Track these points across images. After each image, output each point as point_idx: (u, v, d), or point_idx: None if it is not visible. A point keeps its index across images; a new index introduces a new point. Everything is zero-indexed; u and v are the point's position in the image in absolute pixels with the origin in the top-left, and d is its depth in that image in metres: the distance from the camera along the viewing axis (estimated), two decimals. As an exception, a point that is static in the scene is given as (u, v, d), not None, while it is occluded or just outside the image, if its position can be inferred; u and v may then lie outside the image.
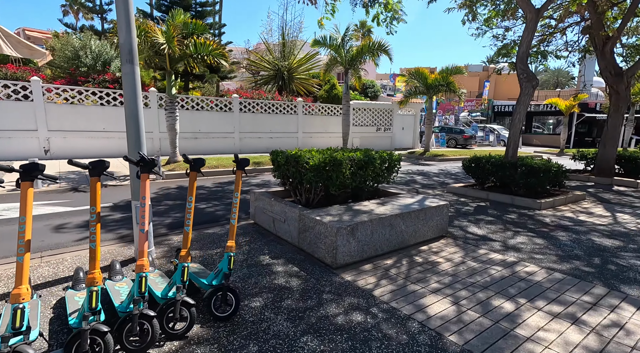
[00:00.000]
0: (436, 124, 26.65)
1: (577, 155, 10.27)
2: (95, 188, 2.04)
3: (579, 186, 8.61)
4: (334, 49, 11.63)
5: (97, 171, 2.09)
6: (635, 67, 8.90)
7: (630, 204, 6.74)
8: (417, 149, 19.43)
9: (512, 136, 7.08)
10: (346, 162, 4.20)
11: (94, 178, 2.07)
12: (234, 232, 2.54)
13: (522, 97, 6.85)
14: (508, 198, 6.61)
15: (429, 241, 4.25)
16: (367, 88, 23.38)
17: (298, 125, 15.79)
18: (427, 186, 8.40)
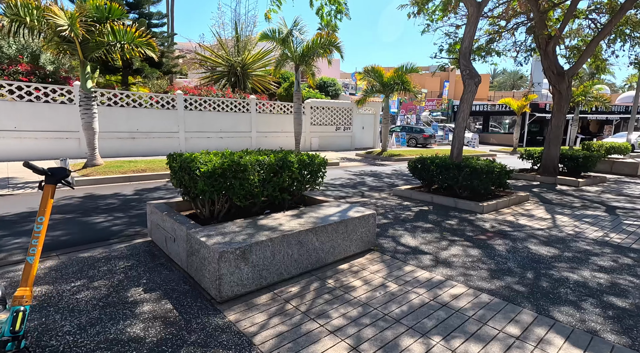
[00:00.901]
0: (398, 124, 26.80)
1: (525, 154, 10.33)
2: (48, 196, 1.90)
3: (525, 186, 8.56)
4: (281, 43, 10.93)
5: (54, 179, 1.95)
6: (575, 67, 9.01)
7: (570, 204, 6.65)
8: (377, 148, 19.23)
9: (456, 136, 6.78)
10: (254, 167, 3.54)
11: (50, 185, 1.93)
12: (31, 275, 1.79)
13: (465, 95, 6.56)
14: (452, 201, 6.28)
15: (352, 258, 3.70)
16: (328, 86, 22.90)
17: (251, 124, 14.94)
18: (375, 189, 7.95)
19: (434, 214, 5.65)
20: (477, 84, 6.44)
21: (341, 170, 10.82)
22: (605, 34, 8.58)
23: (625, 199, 7.27)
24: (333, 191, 7.59)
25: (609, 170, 11.54)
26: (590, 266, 3.62)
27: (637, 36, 10.49)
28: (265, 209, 4.08)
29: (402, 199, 6.75)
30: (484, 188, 6.20)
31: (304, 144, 16.99)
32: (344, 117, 18.49)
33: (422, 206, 6.24)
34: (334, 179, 9.03)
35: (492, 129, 30.51)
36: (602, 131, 31.34)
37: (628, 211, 6.23)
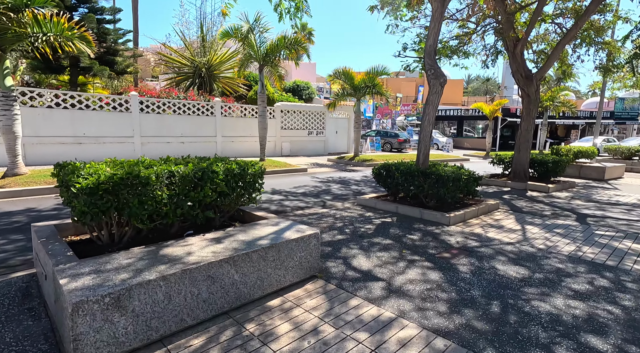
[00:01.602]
0: (374, 128, 26.56)
1: (495, 159, 10.08)
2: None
3: (496, 193, 8.22)
4: (241, 40, 10.24)
5: None
6: (543, 70, 8.84)
7: (540, 213, 6.29)
8: (350, 153, 18.77)
9: (422, 140, 6.30)
10: (161, 180, 2.82)
11: None
12: None
13: (430, 97, 6.10)
14: (417, 211, 5.76)
15: (287, 290, 3.03)
16: (301, 90, 22.36)
17: (216, 128, 14.08)
18: (339, 198, 7.35)
19: (397, 227, 5.09)
20: (442, 85, 5.99)
21: (308, 177, 10.19)
22: (571, 38, 8.45)
23: (595, 206, 7.02)
24: (292, 200, 6.92)
25: (577, 174, 11.52)
26: (564, 292, 3.13)
27: (601, 41, 10.54)
28: (188, 230, 3.36)
29: (365, 210, 6.18)
30: (451, 197, 5.72)
31: (274, 149, 16.28)
32: (317, 121, 17.93)
33: (386, 217, 5.68)
34: (297, 187, 8.38)
35: (466, 134, 30.90)
36: (569, 136, 32.44)
37: (598, 219, 5.92)
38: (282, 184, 8.73)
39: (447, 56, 9.44)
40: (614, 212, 6.48)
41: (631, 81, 18.68)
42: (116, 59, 12.33)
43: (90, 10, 11.82)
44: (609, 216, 6.17)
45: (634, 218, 6.08)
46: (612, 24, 10.13)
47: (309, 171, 11.36)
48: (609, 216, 6.17)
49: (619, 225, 5.58)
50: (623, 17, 9.77)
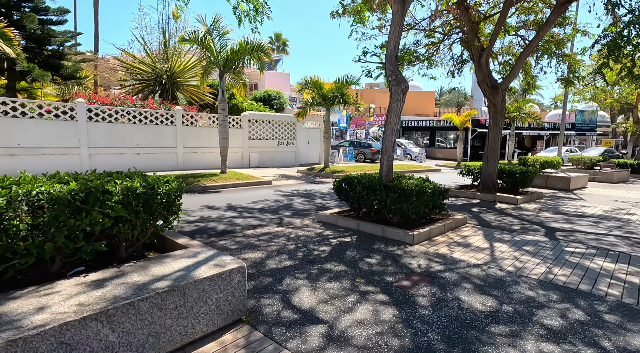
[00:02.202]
0: (348, 138, 26.34)
1: (464, 170, 9.85)
2: None
3: (464, 205, 7.88)
4: (199, 43, 9.57)
5: None
6: (508, 80, 8.75)
7: (509, 227, 5.94)
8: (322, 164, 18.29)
9: (384, 151, 5.85)
10: (14, 205, 2.11)
11: None
12: None
13: (392, 105, 5.69)
14: (379, 229, 5.24)
15: (199, 343, 2.36)
16: (272, 99, 21.81)
17: (177, 138, 13.19)
18: (300, 213, 6.73)
19: (355, 248, 4.53)
20: (404, 92, 5.59)
21: (271, 190, 9.53)
22: (533, 48, 8.43)
23: (563, 218, 6.79)
24: (246, 217, 6.24)
25: (544, 185, 11.54)
26: (536, 330, 2.64)
27: (562, 54, 10.73)
28: (78, 266, 2.63)
29: (324, 228, 5.59)
30: (415, 213, 5.25)
31: (241, 160, 15.52)
32: (287, 131, 17.37)
33: (345, 236, 5.11)
34: (256, 202, 7.70)
35: (439, 144, 31.35)
36: (535, 146, 33.66)
37: (567, 234, 5.63)
38: (240, 199, 8.02)
39: (410, 62, 9.13)
40: (582, 225, 6.25)
41: (589, 93, 19.55)
42: (63, 63, 11.29)
43: (32, 10, 10.80)
44: (578, 230, 5.91)
45: (601, 231, 5.85)
46: (571, 37, 10.34)
47: (274, 184, 10.70)
48: (577, 230, 5.91)
49: (588, 239, 5.30)
50: (581, 31, 9.97)
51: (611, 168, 14.59)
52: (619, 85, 6.84)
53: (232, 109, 17.74)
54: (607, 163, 15.01)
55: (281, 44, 41.77)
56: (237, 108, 17.63)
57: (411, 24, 9.81)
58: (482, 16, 8.92)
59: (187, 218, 6.01)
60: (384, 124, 5.89)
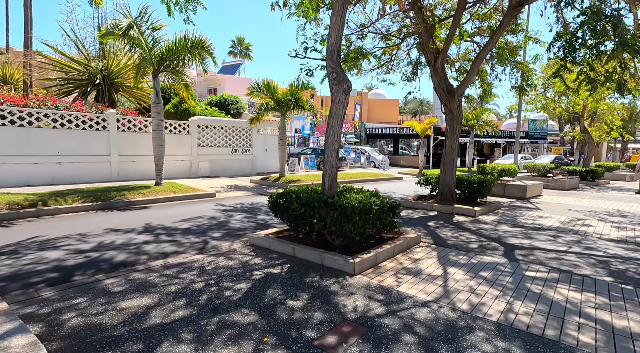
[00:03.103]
0: (311, 146, 25.60)
1: (422, 180, 9.33)
2: None
3: (421, 219, 7.26)
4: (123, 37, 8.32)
5: None
6: (464, 85, 8.38)
7: (466, 246, 5.32)
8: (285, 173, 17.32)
9: (327, 161, 5.03)
10: None
11: None
12: None
13: (333, 107, 4.90)
14: (317, 254, 4.37)
15: None
16: (229, 104, 20.58)
17: (111, 145, 11.65)
18: (232, 234, 5.71)
19: (281, 285, 3.61)
20: (346, 92, 4.82)
21: (212, 204, 8.41)
22: (488, 50, 8.12)
23: (521, 232, 6.33)
24: (162, 242, 5.12)
25: (502, 193, 11.38)
26: None
27: (515, 61, 10.68)
28: None
29: (254, 254, 4.64)
30: (359, 234, 4.44)
31: (189, 169, 14.16)
32: (243, 138, 16.24)
33: (275, 266, 4.18)
34: (186, 220, 6.57)
35: (403, 152, 31.51)
36: (493, 153, 34.90)
37: (527, 252, 5.09)
38: (167, 217, 6.85)
39: (355, 59, 8.36)
40: (541, 240, 5.79)
41: (540, 103, 20.30)
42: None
43: None
44: (537, 246, 5.41)
45: (561, 247, 5.39)
46: (523, 45, 10.30)
47: (218, 197, 9.56)
48: (536, 246, 5.41)
49: (549, 259, 4.77)
50: (533, 38, 9.94)
51: (563, 175, 14.93)
52: (578, 91, 6.64)
53: (182, 113, 16.35)
54: (559, 170, 15.37)
55: (244, 48, 40.55)
56: (188, 113, 16.25)
57: (365, 24, 9.24)
58: (437, 19, 8.52)
59: (80, 247, 4.79)
60: (326, 129, 5.08)
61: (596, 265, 4.53)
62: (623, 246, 5.53)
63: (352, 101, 36.68)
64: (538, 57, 9.66)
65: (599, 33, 5.03)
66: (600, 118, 20.24)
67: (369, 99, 38.53)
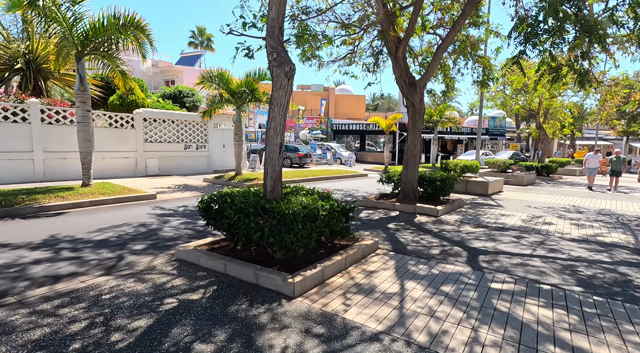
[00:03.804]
0: (275, 142, 24.58)
1: (384, 177, 8.83)
2: None
3: (381, 221, 6.70)
4: (29, 6, 6.93)
5: None
6: (426, 77, 7.93)
7: (427, 252, 4.79)
8: (243, 171, 16.28)
9: (269, 158, 4.25)
10: None
11: None
12: None
13: (275, 94, 4.13)
14: (251, 272, 3.59)
15: None
16: (184, 97, 19.07)
17: (33, 140, 10.07)
18: (159, 246, 4.78)
19: (196, 317, 2.80)
20: (289, 76, 4.06)
21: (148, 207, 7.33)
22: (450, 39, 7.72)
23: (484, 233, 5.95)
24: (57, 262, 4.09)
25: (465, 190, 11.22)
26: None
27: (477, 56, 10.50)
28: None
29: (177, 272, 3.77)
30: (303, 246, 3.73)
31: (134, 168, 12.75)
32: (197, 133, 14.98)
33: (198, 288, 3.36)
34: (105, 230, 5.51)
35: (369, 148, 31.38)
36: (456, 149, 35.83)
37: (491, 258, 4.65)
38: (85, 225, 5.75)
39: (305, 39, 7.46)
40: (505, 242, 5.42)
41: (500, 100, 20.79)
42: None
43: None
44: (501, 250, 5.00)
45: (525, 250, 5.02)
46: (485, 39, 10.10)
47: (160, 198, 8.46)
48: (500, 250, 5.00)
49: (514, 266, 4.34)
50: (494, 31, 9.75)
51: (521, 171, 15.23)
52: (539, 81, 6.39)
53: (129, 106, 14.74)
54: (517, 166, 15.67)
55: (205, 39, 38.41)
56: (136, 105, 14.69)
57: (323, 9, 8.50)
58: (397, 5, 7.97)
59: (-62, 272, 3.66)
60: (267, 120, 4.30)
61: (563, 272, 4.15)
62: (585, 246, 5.28)
63: (318, 96, 36.00)
64: (499, 50, 9.45)
65: (560, 19, 4.66)
66: (553, 115, 21.11)
67: (336, 94, 38.05)
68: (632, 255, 4.91)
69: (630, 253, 4.98)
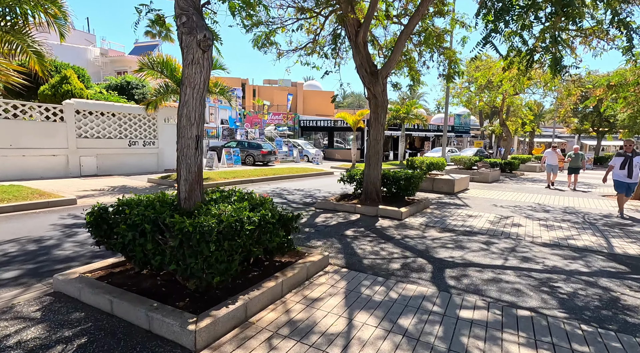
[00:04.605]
0: (238, 138, 23.27)
1: (346, 177, 8.05)
2: None
3: (339, 226, 5.88)
4: None
5: None
6: (388, 66, 7.21)
7: (387, 266, 4.01)
8: (199, 169, 14.94)
9: (182, 157, 3.27)
10: None
11: None
12: None
13: (186, 70, 3.15)
14: (143, 313, 2.60)
15: None
16: (132, 88, 17.28)
17: None
18: (47, 268, 3.64)
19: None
20: (203, 47, 3.09)
21: (57, 215, 6.03)
22: (413, 24, 7.05)
23: (451, 240, 5.31)
24: None
25: (431, 188, 10.75)
26: None
27: (443, 47, 10.02)
28: None
29: (45, 314, 2.71)
30: (220, 272, 2.79)
31: (66, 167, 11.11)
32: (144, 128, 13.45)
33: (63, 342, 2.32)
34: (-17, 249, 4.23)
35: (338, 145, 30.77)
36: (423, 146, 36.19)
37: (460, 272, 3.96)
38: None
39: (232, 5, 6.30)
40: (474, 250, 4.78)
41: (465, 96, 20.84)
42: None
43: None
44: (470, 261, 4.35)
45: (496, 260, 4.40)
46: (451, 29, 9.60)
47: (81, 204, 7.12)
48: (470, 261, 4.34)
49: (486, 283, 3.67)
50: (459, 21, 9.27)
51: (486, 168, 15.15)
52: (509, 67, 5.91)
53: (64, 96, 12.91)
54: (482, 163, 15.60)
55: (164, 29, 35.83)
56: (72, 96, 12.89)
57: None
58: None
59: None
60: (178, 106, 3.30)
61: (540, 289, 3.53)
62: (559, 252, 4.76)
63: (285, 91, 34.83)
64: (466, 39, 8.98)
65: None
66: (515, 113, 21.52)
67: (304, 90, 37.10)
68: (609, 261, 4.43)
69: (606, 259, 4.51)
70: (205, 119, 3.57)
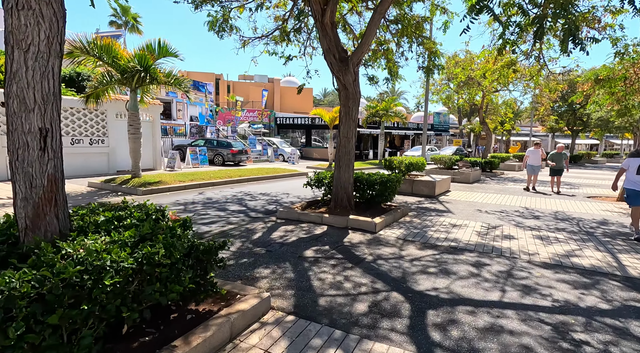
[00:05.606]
0: (208, 136, 21.75)
1: (313, 180, 6.97)
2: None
3: (299, 244, 4.77)
4: None
5: None
6: (360, 51, 6.18)
7: (349, 311, 2.94)
8: (159, 171, 13.47)
9: (14, 160, 2.06)
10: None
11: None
12: None
13: (10, 21, 1.94)
14: None
15: None
16: (84, 80, 15.48)
17: None
18: None
19: None
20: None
21: None
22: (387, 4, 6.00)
23: (434, 260, 4.32)
24: None
25: (410, 191, 9.85)
26: None
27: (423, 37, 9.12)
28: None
29: None
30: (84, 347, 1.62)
31: (-12, 169, 9.43)
32: (91, 124, 11.86)
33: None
34: None
35: (315, 144, 29.68)
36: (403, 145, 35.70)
37: (447, 317, 2.96)
38: None
39: None
40: (462, 275, 3.81)
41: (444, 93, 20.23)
42: None
43: None
44: (459, 294, 3.36)
45: (492, 294, 3.44)
46: (431, 16, 8.69)
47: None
48: (458, 294, 3.35)
49: (482, 335, 2.68)
50: (440, 7, 8.36)
51: (467, 168, 14.49)
52: (501, 52, 5.07)
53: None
54: (463, 162, 14.94)
55: (130, 19, 33.52)
56: None
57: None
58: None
59: None
60: (4, 80, 2.08)
61: (558, 345, 2.56)
62: (565, 277, 3.86)
63: (261, 87, 33.37)
64: (448, 24, 8.08)
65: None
66: (494, 111, 21.13)
67: (282, 86, 35.74)
68: (628, 289, 3.57)
69: (623, 287, 3.64)
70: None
